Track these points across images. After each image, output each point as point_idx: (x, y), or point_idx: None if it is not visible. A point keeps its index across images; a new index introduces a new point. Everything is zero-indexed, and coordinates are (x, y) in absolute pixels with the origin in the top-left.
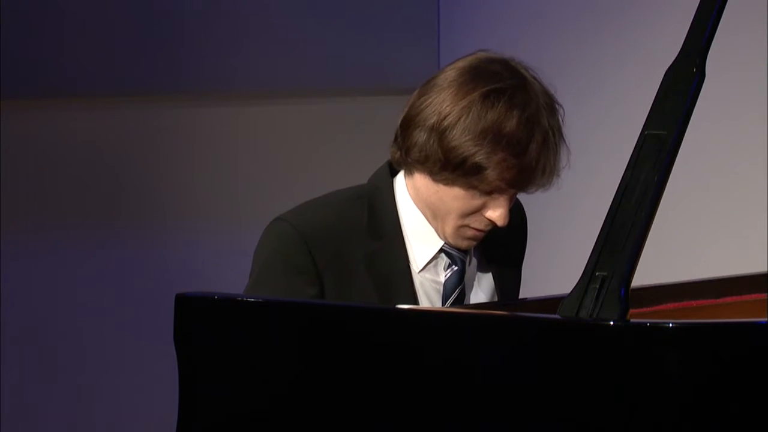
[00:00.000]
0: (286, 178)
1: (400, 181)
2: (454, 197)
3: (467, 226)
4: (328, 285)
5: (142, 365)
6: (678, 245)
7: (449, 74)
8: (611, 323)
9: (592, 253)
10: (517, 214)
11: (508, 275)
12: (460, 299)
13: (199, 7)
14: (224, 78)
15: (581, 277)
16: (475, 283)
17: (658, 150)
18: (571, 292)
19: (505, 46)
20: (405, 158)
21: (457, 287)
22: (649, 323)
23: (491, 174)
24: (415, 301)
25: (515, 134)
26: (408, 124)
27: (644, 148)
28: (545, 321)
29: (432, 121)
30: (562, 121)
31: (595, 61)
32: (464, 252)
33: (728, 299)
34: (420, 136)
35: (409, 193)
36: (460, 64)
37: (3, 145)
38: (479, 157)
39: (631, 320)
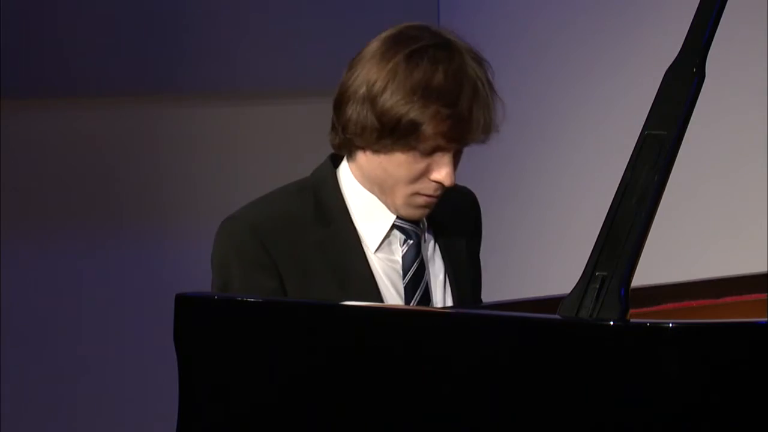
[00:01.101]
0: (286, 178)
1: (344, 167)
2: (397, 165)
3: (417, 193)
4: (285, 275)
5: (142, 365)
6: (678, 245)
7: (372, 46)
8: (611, 323)
9: (592, 253)
10: (467, 203)
11: (461, 263)
12: (420, 273)
13: (199, 7)
14: (224, 78)
15: (581, 277)
16: (430, 265)
17: (658, 150)
18: (571, 292)
19: (505, 45)
20: (344, 137)
21: (415, 260)
22: (649, 323)
23: (427, 129)
24: (374, 282)
25: (444, 86)
26: (340, 103)
27: (644, 148)
28: (545, 321)
29: (362, 91)
30: (492, 76)
31: (595, 59)
32: (417, 224)
33: (728, 299)
34: (353, 110)
35: (354, 177)
36: (382, 35)
37: (3, 145)
38: (413, 114)
39: (631, 320)
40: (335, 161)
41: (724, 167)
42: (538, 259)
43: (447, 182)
